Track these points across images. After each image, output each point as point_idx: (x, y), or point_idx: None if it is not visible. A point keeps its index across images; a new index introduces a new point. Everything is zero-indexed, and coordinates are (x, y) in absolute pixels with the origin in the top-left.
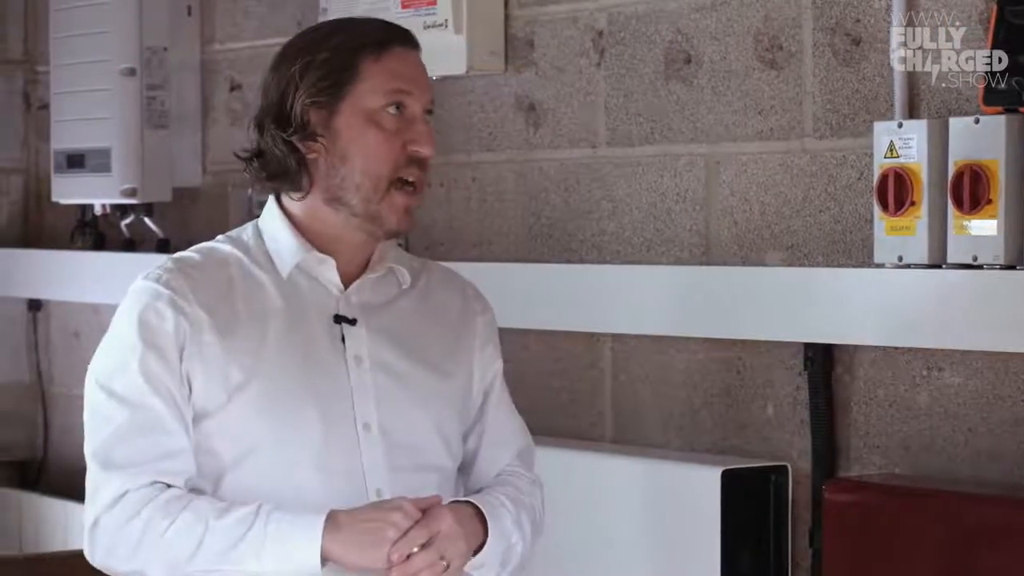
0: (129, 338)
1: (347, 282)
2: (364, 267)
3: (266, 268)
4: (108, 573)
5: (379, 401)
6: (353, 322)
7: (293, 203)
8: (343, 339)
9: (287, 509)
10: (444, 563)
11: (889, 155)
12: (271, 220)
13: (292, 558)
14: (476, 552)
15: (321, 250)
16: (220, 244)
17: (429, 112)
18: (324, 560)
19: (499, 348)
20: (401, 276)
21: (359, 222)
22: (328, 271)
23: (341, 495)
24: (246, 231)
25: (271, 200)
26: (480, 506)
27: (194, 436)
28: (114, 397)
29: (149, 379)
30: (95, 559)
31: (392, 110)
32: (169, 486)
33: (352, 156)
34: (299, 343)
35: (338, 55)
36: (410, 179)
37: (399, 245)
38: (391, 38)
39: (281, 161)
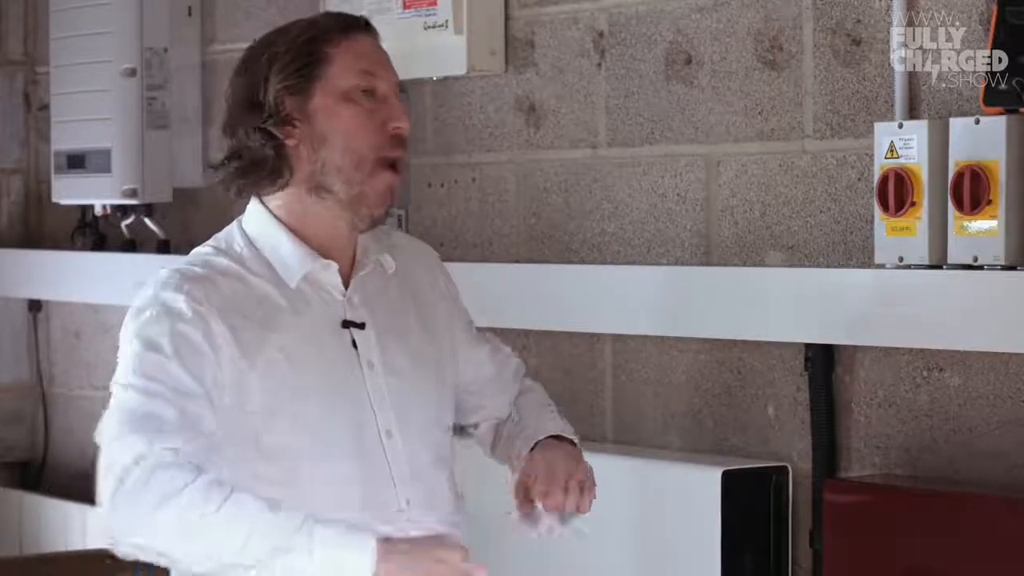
0: (157, 343)
1: (342, 281)
2: (351, 262)
3: (267, 278)
4: (119, 542)
5: (396, 406)
6: (362, 326)
7: (278, 205)
8: (354, 344)
9: (333, 524)
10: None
11: (889, 155)
12: (263, 226)
13: (343, 569)
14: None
15: (317, 252)
16: (213, 256)
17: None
18: None
19: (455, 292)
20: (386, 263)
21: (343, 209)
22: (332, 276)
23: (376, 508)
24: (234, 239)
25: (255, 204)
26: (563, 434)
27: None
28: (129, 388)
29: (160, 380)
30: (113, 531)
31: (364, 91)
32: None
33: (331, 136)
34: (316, 353)
35: (304, 43)
36: (393, 157)
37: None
38: (351, 25)
39: (258, 153)
